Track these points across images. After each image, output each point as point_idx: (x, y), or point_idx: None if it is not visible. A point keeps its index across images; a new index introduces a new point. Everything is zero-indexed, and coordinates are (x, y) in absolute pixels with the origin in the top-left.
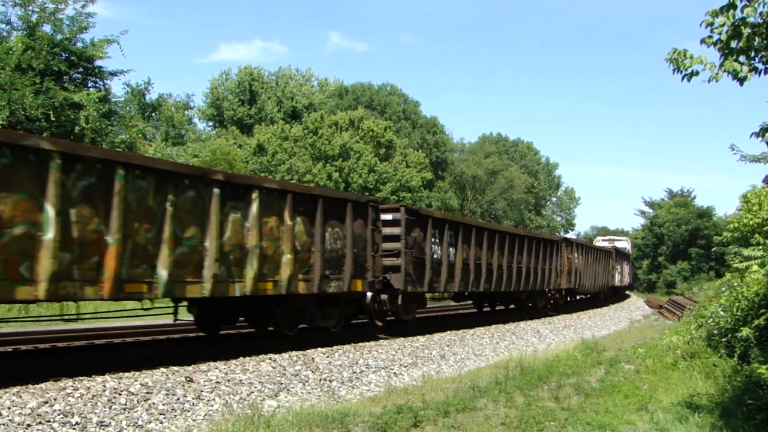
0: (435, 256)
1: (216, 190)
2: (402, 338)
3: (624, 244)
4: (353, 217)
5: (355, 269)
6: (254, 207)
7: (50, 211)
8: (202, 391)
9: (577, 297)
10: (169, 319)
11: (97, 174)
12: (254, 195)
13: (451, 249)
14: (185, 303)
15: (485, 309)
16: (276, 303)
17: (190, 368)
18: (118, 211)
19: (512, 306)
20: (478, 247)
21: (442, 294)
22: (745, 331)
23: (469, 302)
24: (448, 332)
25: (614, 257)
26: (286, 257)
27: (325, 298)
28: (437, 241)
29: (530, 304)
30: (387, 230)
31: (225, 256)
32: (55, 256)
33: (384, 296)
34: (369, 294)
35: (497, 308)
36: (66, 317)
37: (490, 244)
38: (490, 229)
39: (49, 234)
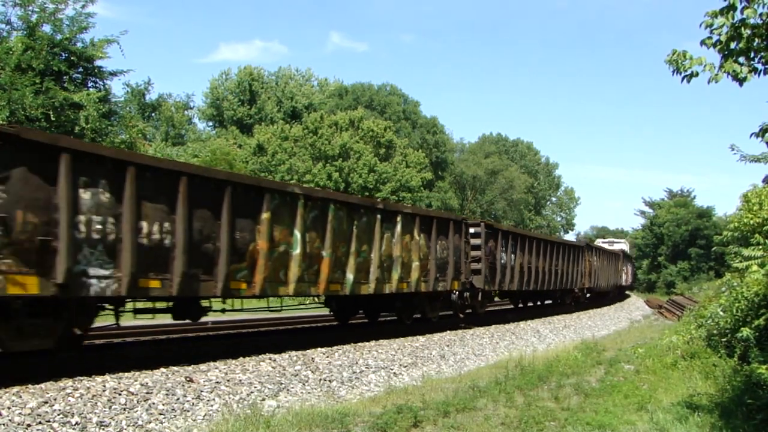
0: (503, 261)
1: (378, 216)
2: (402, 338)
3: (622, 246)
4: (453, 232)
5: (454, 273)
6: (398, 227)
7: (297, 235)
8: (202, 391)
9: (587, 294)
10: (168, 319)
11: (319, 208)
12: (398, 218)
13: (512, 255)
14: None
15: (519, 306)
16: (398, 299)
17: (190, 368)
18: (329, 234)
19: (544, 302)
20: (528, 254)
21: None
22: (745, 332)
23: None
24: (448, 332)
25: (621, 259)
26: (415, 264)
27: (434, 295)
28: (504, 249)
29: (558, 301)
30: (472, 241)
31: (382, 264)
32: (299, 265)
33: (467, 293)
34: (456, 291)
35: (528, 305)
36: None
37: (536, 250)
38: (537, 238)
39: (297, 251)
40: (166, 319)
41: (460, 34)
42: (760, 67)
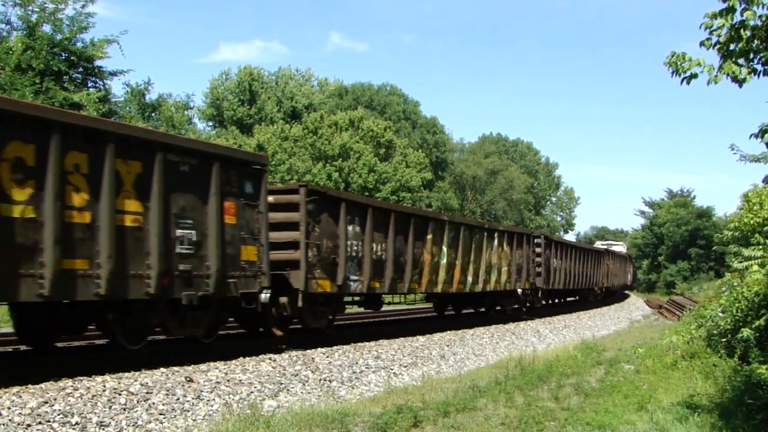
0: (554, 265)
1: (485, 233)
2: (402, 338)
3: (620, 248)
4: (525, 243)
5: (526, 275)
6: (495, 241)
7: (444, 249)
8: (202, 391)
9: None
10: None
11: (455, 230)
12: (495, 234)
13: (559, 261)
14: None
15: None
16: (487, 295)
17: (190, 368)
18: (461, 248)
19: (568, 299)
20: (568, 259)
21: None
22: (745, 332)
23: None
24: (448, 332)
25: (627, 262)
26: (504, 269)
27: (512, 292)
28: (555, 255)
29: (577, 297)
30: (536, 250)
31: (487, 269)
32: (445, 271)
33: (529, 291)
34: (526, 290)
35: (555, 300)
36: None
37: (573, 256)
38: (573, 245)
39: (444, 261)
40: None
41: (460, 34)
42: (759, 68)
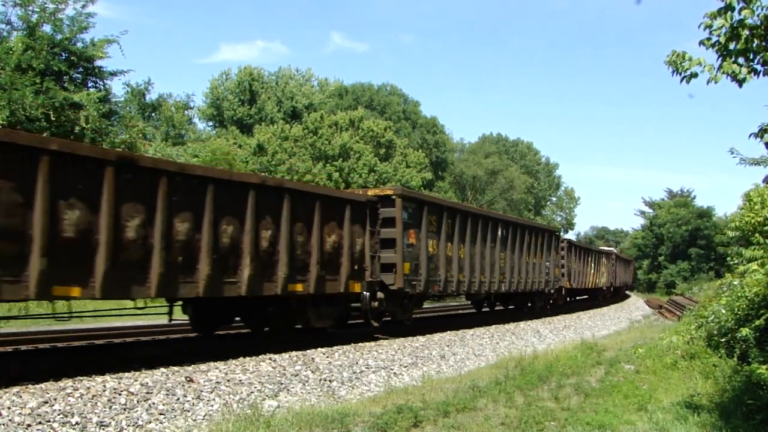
0: (574, 267)
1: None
2: (402, 338)
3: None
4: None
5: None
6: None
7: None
8: (202, 391)
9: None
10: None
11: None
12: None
13: (579, 262)
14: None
15: (578, 298)
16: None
17: (190, 368)
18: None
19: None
20: (584, 259)
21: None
22: (744, 331)
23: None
24: (448, 332)
25: (631, 263)
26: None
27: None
28: (575, 257)
29: (587, 296)
30: (561, 253)
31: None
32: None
33: (554, 290)
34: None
35: (577, 298)
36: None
37: (589, 258)
38: (589, 249)
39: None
40: (161, 320)
41: (461, 34)
42: (759, 68)
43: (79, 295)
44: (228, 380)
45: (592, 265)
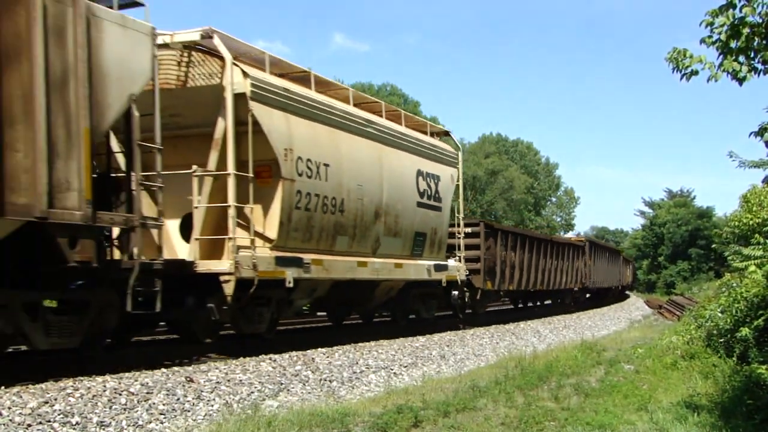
0: (593, 268)
1: (559, 247)
2: (402, 338)
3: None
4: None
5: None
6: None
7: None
8: (202, 391)
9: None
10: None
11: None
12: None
13: (598, 262)
14: None
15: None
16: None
17: (190, 368)
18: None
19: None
20: (602, 260)
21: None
22: (744, 331)
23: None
24: (448, 332)
25: (620, 256)
26: (567, 272)
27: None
28: (596, 257)
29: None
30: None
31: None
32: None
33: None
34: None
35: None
36: None
37: (606, 257)
38: (608, 248)
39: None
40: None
41: (461, 35)
42: (759, 66)
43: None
44: (228, 380)
45: (609, 265)
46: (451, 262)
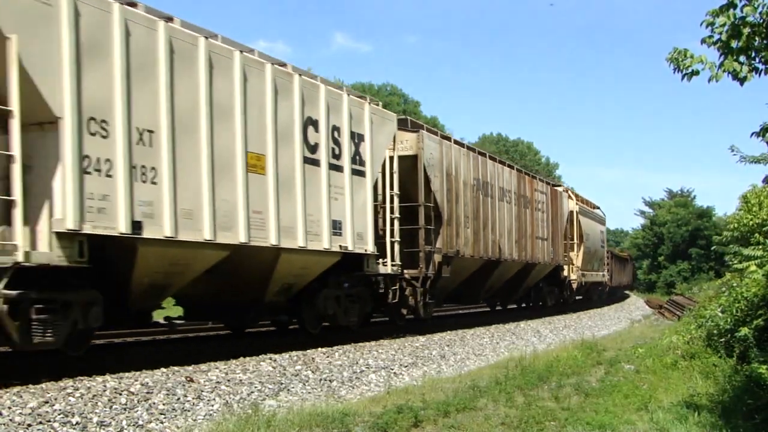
0: (613, 269)
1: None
2: (402, 338)
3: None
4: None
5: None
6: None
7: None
8: (202, 391)
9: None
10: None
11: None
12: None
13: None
14: None
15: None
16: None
17: (190, 368)
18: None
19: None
20: (616, 263)
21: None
22: (744, 330)
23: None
24: (448, 332)
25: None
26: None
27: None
28: (613, 262)
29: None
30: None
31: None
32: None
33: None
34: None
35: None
36: None
37: (618, 260)
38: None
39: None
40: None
41: (462, 35)
42: (760, 66)
43: None
44: (228, 380)
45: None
46: None
